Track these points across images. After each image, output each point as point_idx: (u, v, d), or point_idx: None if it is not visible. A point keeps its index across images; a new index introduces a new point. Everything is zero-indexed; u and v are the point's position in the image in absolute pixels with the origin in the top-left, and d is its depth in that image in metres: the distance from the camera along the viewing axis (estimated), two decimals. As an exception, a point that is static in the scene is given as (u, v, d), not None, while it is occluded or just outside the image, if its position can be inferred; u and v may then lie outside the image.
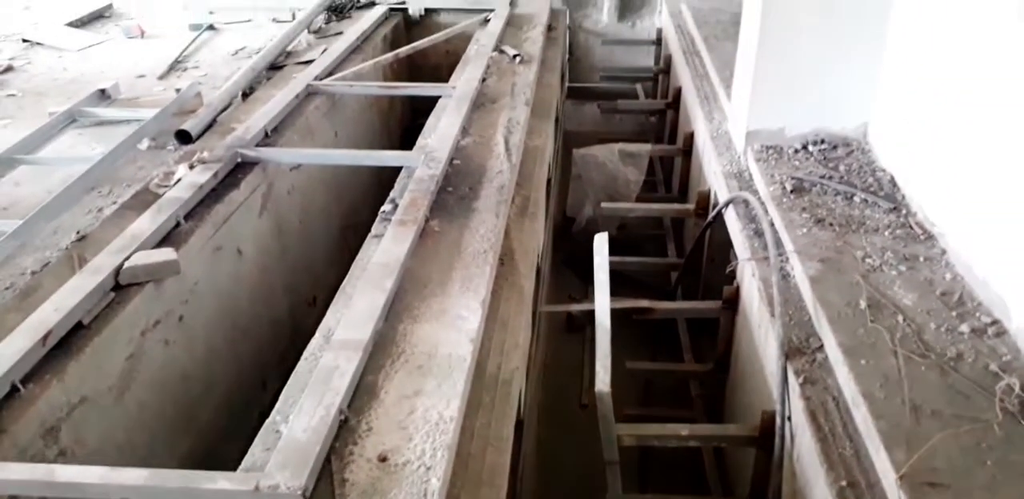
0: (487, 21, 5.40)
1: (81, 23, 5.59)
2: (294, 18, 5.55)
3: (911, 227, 2.75)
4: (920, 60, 2.89)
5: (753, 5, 3.38)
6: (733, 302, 3.12)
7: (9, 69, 4.65)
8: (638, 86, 6.59)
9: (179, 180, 3.00)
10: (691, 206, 4.02)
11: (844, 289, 2.43)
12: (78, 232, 2.73)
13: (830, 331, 2.26)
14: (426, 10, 5.91)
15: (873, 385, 2.03)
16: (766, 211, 2.99)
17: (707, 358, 3.65)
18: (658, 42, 6.80)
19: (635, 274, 4.46)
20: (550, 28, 5.62)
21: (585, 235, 4.44)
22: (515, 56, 4.70)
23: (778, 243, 2.79)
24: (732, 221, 3.21)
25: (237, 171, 3.21)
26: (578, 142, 5.28)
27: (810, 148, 3.35)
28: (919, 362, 2.10)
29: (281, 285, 3.49)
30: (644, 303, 3.37)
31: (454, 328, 2.23)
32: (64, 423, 2.07)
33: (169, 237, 2.70)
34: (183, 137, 3.48)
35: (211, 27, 5.44)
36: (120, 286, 2.39)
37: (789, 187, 3.05)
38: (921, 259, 2.58)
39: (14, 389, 1.97)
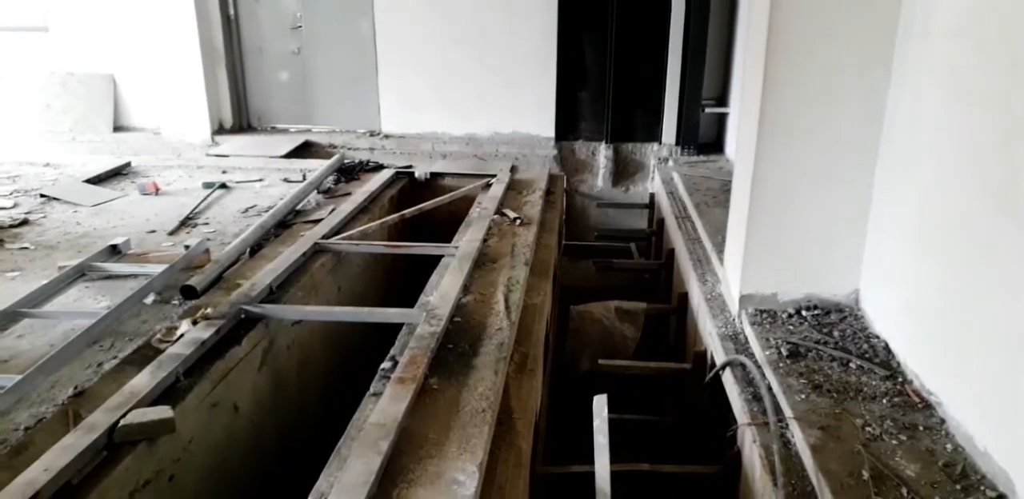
0: (489, 185, 5.68)
1: (99, 180, 5.85)
2: (304, 179, 5.82)
3: (908, 395, 2.77)
4: (911, 230, 3.02)
5: (743, 176, 3.59)
6: (734, 466, 3.06)
7: (25, 222, 4.81)
8: (632, 245, 6.81)
9: (181, 336, 3.03)
10: (687, 365, 4.04)
11: (846, 458, 2.40)
12: (76, 387, 2.71)
13: (835, 503, 2.21)
14: (432, 174, 6.22)
15: (885, 563, 1.96)
16: (763, 375, 3.01)
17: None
18: (651, 206, 7.11)
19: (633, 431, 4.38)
20: (549, 192, 5.89)
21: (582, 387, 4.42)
22: (515, 219, 4.91)
23: (777, 409, 2.79)
24: (730, 384, 3.21)
25: (240, 327, 3.25)
26: (575, 297, 5.38)
27: (804, 313, 3.43)
28: (930, 538, 2.04)
29: (275, 441, 3.42)
30: (644, 466, 3.30)
31: (450, 494, 2.18)
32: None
33: (167, 394, 2.68)
34: (189, 292, 3.55)
35: (224, 186, 5.69)
36: (113, 444, 2.36)
37: (785, 352, 3.09)
38: (921, 428, 2.57)
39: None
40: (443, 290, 3.59)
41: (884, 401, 2.74)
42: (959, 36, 2.64)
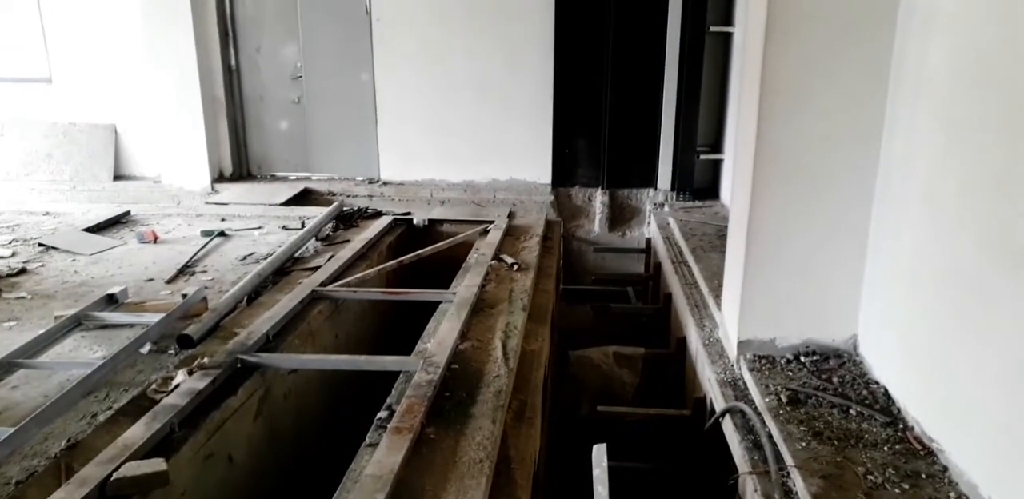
0: (487, 231, 5.71)
1: (98, 228, 5.87)
2: (303, 226, 5.85)
3: (910, 442, 2.74)
4: (907, 276, 3.03)
5: (739, 222, 3.62)
6: (738, 518, 3.01)
7: (23, 272, 4.82)
8: (629, 289, 6.81)
9: (177, 386, 3.01)
10: (687, 412, 4.01)
11: (850, 508, 2.37)
12: (69, 439, 2.68)
13: (840, 555, 2.17)
14: (430, 220, 6.26)
15: None
16: (763, 423, 2.99)
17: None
18: (647, 250, 7.14)
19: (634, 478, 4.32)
20: (546, 238, 5.92)
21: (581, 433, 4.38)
22: (513, 264, 4.92)
23: (778, 457, 2.76)
24: (730, 431, 3.18)
25: (236, 376, 3.23)
26: (573, 341, 5.36)
27: (802, 359, 3.42)
28: (937, 591, 2.00)
29: (270, 493, 3.37)
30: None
31: (448, 549, 2.14)
32: None
33: (161, 445, 2.65)
34: (185, 342, 3.54)
35: (222, 233, 5.72)
36: (106, 498, 2.32)
37: (785, 398, 3.07)
38: (923, 476, 2.54)
39: None
40: (440, 337, 3.58)
41: (885, 448, 2.71)
42: (953, 83, 2.68)
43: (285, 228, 5.98)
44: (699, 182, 7.34)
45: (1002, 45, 2.38)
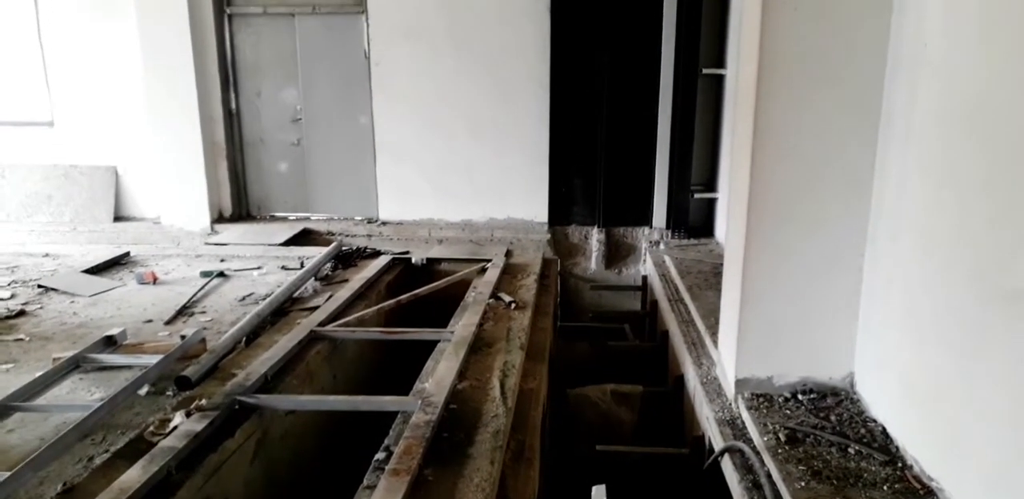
0: (485, 270, 5.74)
1: (98, 270, 5.90)
2: (302, 266, 5.88)
3: (909, 481, 2.73)
4: (903, 314, 3.04)
5: (734, 261, 3.65)
6: (739, 560, 2.98)
7: (21, 314, 4.83)
8: (626, 326, 6.81)
9: (175, 428, 3.01)
10: (685, 450, 4.00)
11: (850, 548, 2.35)
12: (65, 483, 2.67)
13: (841, 596, 2.15)
14: (428, 259, 6.29)
15: None
16: (762, 462, 2.98)
17: None
18: (644, 288, 7.16)
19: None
20: (543, 276, 5.95)
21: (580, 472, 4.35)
22: (510, 303, 4.94)
23: (777, 496, 2.75)
24: (729, 471, 3.17)
25: (234, 418, 3.22)
26: (570, 378, 5.35)
27: (800, 397, 3.42)
28: None
29: (265, 539, 3.34)
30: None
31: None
32: None
33: (158, 489, 2.64)
34: (183, 383, 3.54)
35: (221, 274, 5.74)
36: (100, 544, 2.31)
37: (783, 437, 3.06)
38: (924, 515, 2.53)
39: None
40: (438, 376, 3.59)
41: (885, 487, 2.70)
42: (943, 125, 2.73)
43: (284, 268, 6.00)
44: (694, 220, 7.41)
45: (990, 90, 2.44)
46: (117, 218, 8.24)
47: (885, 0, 3.10)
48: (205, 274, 5.72)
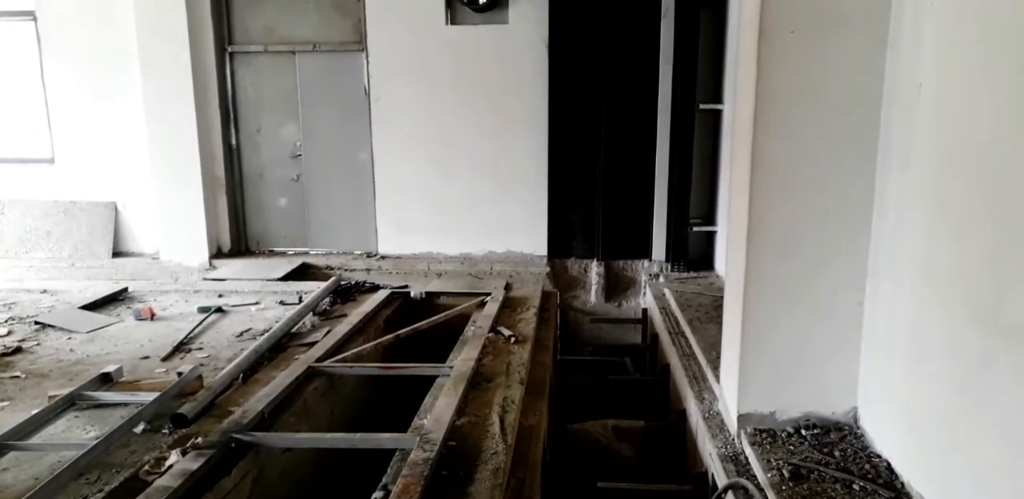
0: (484, 304, 5.72)
1: (95, 306, 5.88)
2: (301, 301, 5.86)
3: (916, 517, 2.69)
4: (904, 348, 3.03)
5: (735, 295, 3.64)
6: (744, 600, 2.92)
7: (18, 350, 4.80)
8: (627, 360, 6.77)
9: (170, 467, 2.97)
10: (688, 487, 3.94)
11: (858, 588, 2.31)
12: (58, 524, 2.63)
13: None
14: (427, 293, 6.28)
15: None
16: (766, 499, 2.94)
17: None
18: (644, 321, 7.13)
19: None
20: (543, 309, 5.93)
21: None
22: (510, 337, 4.92)
23: (783, 535, 2.70)
24: (733, 508, 3.12)
25: (230, 456, 3.19)
26: (571, 412, 5.30)
27: (803, 432, 3.38)
28: None
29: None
30: None
31: None
32: None
33: (152, 530, 2.60)
34: (179, 421, 3.50)
35: (219, 309, 5.72)
36: (92, 588, 2.26)
37: (787, 474, 3.02)
38: (932, 553, 2.48)
39: None
40: (437, 413, 3.56)
41: (892, 524, 2.66)
42: (941, 162, 2.74)
43: (282, 303, 5.99)
44: (693, 253, 7.42)
45: (985, 128, 2.46)
46: (116, 253, 8.24)
47: (879, 40, 3.14)
48: (203, 310, 5.70)
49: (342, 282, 6.48)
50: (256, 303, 6.01)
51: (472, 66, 7.59)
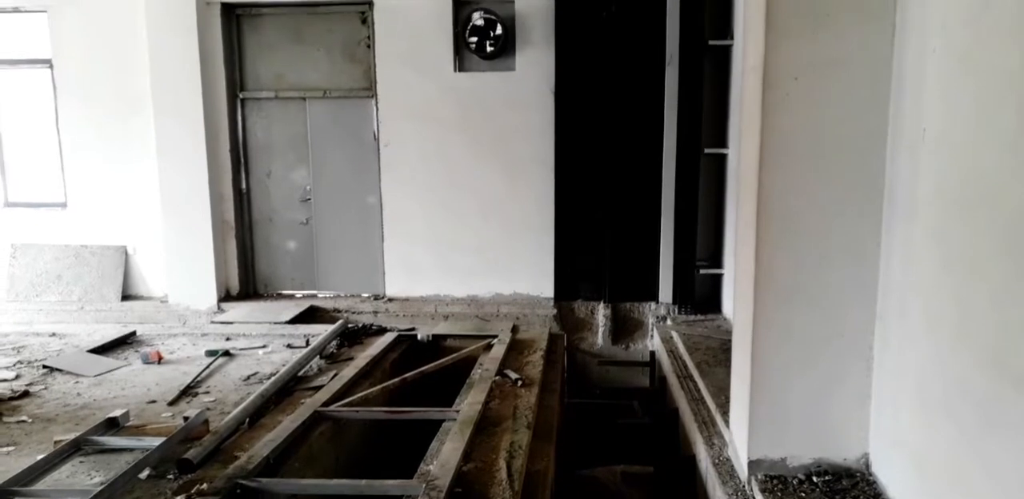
0: (491, 346, 5.71)
1: (103, 349, 5.89)
2: (308, 344, 5.86)
3: (931, 567, 2.64)
4: (914, 395, 3.00)
5: (743, 339, 3.63)
6: None
7: (25, 394, 4.80)
8: (635, 403, 6.71)
9: (175, 514, 2.94)
10: (701, 537, 3.88)
11: None
12: (60, 574, 2.60)
13: None
14: (434, 336, 6.26)
15: None
16: (779, 548, 2.88)
17: None
18: (652, 363, 7.09)
19: None
20: (550, 351, 5.90)
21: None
22: (517, 380, 4.89)
23: (796, 585, 2.65)
24: (745, 558, 3.07)
25: (235, 503, 3.16)
26: (579, 457, 5.23)
27: (815, 479, 3.34)
28: None
29: None
30: None
31: None
32: None
33: (155, 579, 2.57)
34: (185, 466, 3.48)
35: (227, 353, 5.72)
36: None
37: (799, 521, 2.98)
38: None
39: None
40: (443, 458, 3.52)
41: (907, 575, 2.61)
42: (945, 203, 2.76)
43: (290, 346, 5.98)
44: (700, 295, 7.41)
45: (992, 166, 2.48)
46: (125, 297, 8.28)
47: (883, 86, 3.18)
48: (210, 353, 5.70)
49: (349, 325, 6.48)
50: (264, 346, 6.01)
51: (480, 112, 7.71)
